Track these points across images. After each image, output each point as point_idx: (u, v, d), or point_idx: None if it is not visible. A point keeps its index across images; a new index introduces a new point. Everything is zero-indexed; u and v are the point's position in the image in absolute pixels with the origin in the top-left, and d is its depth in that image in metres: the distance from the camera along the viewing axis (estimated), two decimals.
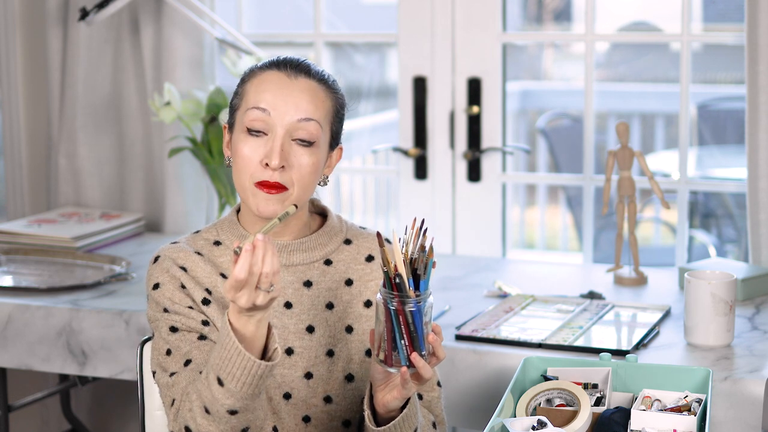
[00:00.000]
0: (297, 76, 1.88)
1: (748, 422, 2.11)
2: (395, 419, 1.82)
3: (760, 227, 2.74)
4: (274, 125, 1.85)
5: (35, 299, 2.64)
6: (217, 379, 1.73)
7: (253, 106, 1.86)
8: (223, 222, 1.97)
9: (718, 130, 5.44)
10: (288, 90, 1.87)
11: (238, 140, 1.88)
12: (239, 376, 1.71)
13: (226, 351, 1.71)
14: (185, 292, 1.89)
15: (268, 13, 5.76)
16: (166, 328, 1.88)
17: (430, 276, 1.72)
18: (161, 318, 1.89)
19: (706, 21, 7.05)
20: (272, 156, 1.84)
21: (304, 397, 1.91)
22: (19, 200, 3.49)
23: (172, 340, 1.87)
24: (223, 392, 1.73)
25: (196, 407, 1.77)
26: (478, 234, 3.15)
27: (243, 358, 1.70)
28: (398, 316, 1.71)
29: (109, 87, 3.29)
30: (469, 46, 3.09)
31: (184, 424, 1.79)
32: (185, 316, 1.88)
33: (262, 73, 1.89)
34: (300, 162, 1.86)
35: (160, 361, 1.87)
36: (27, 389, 3.32)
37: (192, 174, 3.26)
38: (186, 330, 1.88)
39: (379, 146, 3.45)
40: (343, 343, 1.94)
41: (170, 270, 1.90)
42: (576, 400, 1.85)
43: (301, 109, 1.86)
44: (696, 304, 2.28)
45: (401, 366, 1.73)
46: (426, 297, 1.72)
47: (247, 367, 1.70)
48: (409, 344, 1.72)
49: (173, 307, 1.89)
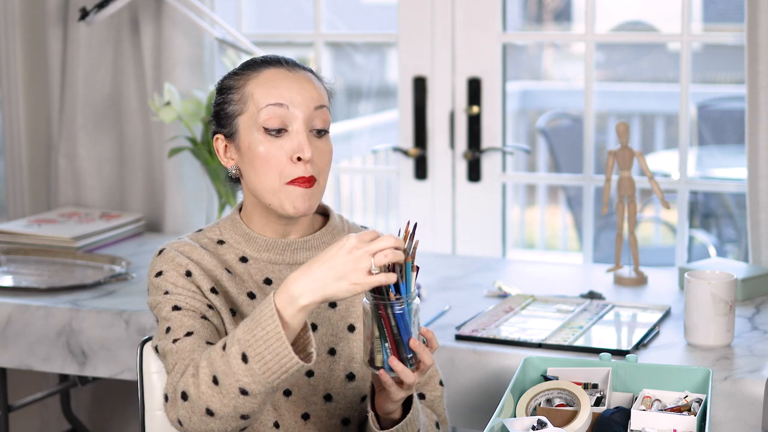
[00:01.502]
0: (296, 69, 1.88)
1: (748, 422, 2.11)
2: (398, 424, 1.82)
3: (760, 227, 2.74)
4: (293, 119, 1.84)
5: (35, 299, 2.64)
6: (242, 355, 1.65)
7: (267, 103, 1.84)
8: (226, 221, 1.97)
9: (718, 130, 5.44)
10: (297, 82, 1.86)
11: (255, 143, 1.84)
12: (269, 361, 1.64)
13: (263, 331, 1.64)
14: (190, 279, 1.85)
15: (268, 13, 5.77)
16: (169, 308, 1.82)
17: (410, 280, 1.70)
18: (163, 300, 1.84)
19: (706, 21, 7.05)
20: (304, 149, 1.82)
21: (305, 395, 1.91)
22: (19, 200, 3.49)
23: (174, 316, 1.82)
24: (245, 369, 1.65)
25: (203, 374, 1.69)
26: (478, 234, 3.15)
27: (282, 346, 1.63)
28: (380, 320, 1.70)
29: (109, 87, 3.29)
30: (469, 46, 3.09)
31: (183, 389, 1.71)
32: (190, 297, 1.83)
33: (261, 72, 1.87)
34: (322, 150, 1.86)
35: (162, 339, 1.81)
36: (27, 389, 3.32)
37: (192, 174, 3.26)
38: (190, 309, 1.82)
39: (379, 146, 3.46)
40: (345, 342, 1.94)
41: (176, 259, 1.87)
42: (576, 400, 1.86)
43: (314, 98, 1.86)
44: (696, 304, 2.28)
45: (381, 368, 1.72)
46: (409, 300, 1.70)
47: (282, 357, 1.64)
48: (392, 347, 1.71)
49: (176, 290, 1.84)
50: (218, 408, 1.68)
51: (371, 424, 1.82)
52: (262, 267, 1.93)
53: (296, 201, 1.84)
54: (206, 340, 1.79)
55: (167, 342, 1.79)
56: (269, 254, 1.93)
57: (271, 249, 1.93)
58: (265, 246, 1.92)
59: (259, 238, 1.93)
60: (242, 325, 1.68)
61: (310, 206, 1.86)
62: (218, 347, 1.69)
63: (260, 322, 1.66)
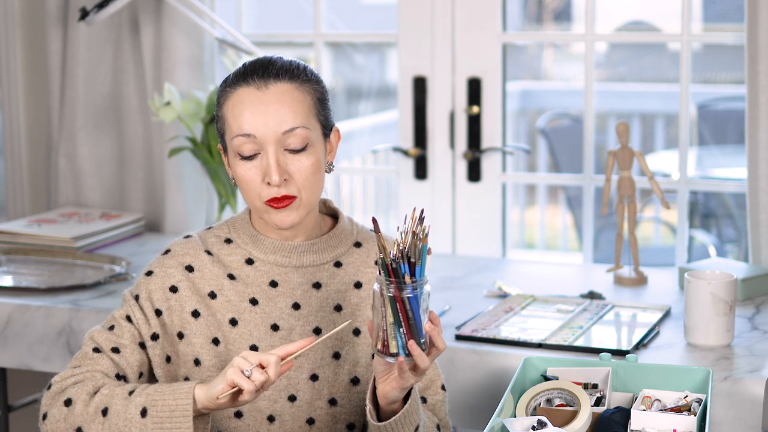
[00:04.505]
0: (267, 85, 1.84)
1: (748, 422, 2.11)
2: (396, 414, 1.81)
3: (760, 227, 2.74)
4: (263, 143, 1.84)
5: (35, 299, 2.64)
6: (143, 409, 1.76)
7: (236, 134, 1.85)
8: (236, 220, 1.98)
9: (718, 130, 5.44)
10: (263, 105, 1.84)
11: (235, 165, 1.87)
12: (165, 428, 1.75)
13: (174, 401, 1.75)
14: (170, 296, 1.92)
15: (268, 13, 5.76)
16: (124, 313, 1.92)
17: (425, 262, 1.71)
18: (129, 301, 1.93)
19: (706, 21, 7.05)
20: (270, 174, 1.83)
21: (309, 399, 1.91)
22: (19, 200, 3.49)
23: (121, 324, 1.91)
24: (139, 422, 1.76)
25: (98, 400, 1.80)
26: (478, 234, 3.15)
27: (185, 421, 1.75)
28: (395, 304, 1.70)
29: (109, 87, 3.29)
30: (469, 46, 3.09)
31: (71, 396, 1.82)
32: (144, 318, 1.91)
33: (233, 93, 1.86)
34: (299, 167, 1.85)
35: (95, 334, 1.91)
36: (27, 389, 3.32)
37: (192, 174, 3.26)
38: (135, 327, 1.91)
39: (379, 146, 3.46)
40: (350, 346, 1.94)
41: (171, 269, 1.93)
42: (576, 400, 1.86)
43: (282, 122, 1.83)
44: (696, 304, 2.28)
45: (398, 355, 1.72)
46: (422, 283, 1.71)
47: None
48: (407, 332, 1.72)
49: (144, 303, 1.92)
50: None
51: (369, 417, 1.82)
52: (269, 269, 1.93)
53: (276, 219, 1.87)
54: (121, 370, 1.89)
55: (89, 345, 1.90)
56: (276, 256, 1.93)
57: (278, 251, 1.93)
58: (272, 248, 1.93)
59: (266, 241, 1.93)
60: (158, 384, 1.79)
61: (292, 221, 1.87)
62: (126, 389, 1.80)
63: (175, 392, 1.76)
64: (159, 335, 1.91)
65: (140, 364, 1.91)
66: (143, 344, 1.91)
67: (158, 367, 1.92)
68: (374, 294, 1.72)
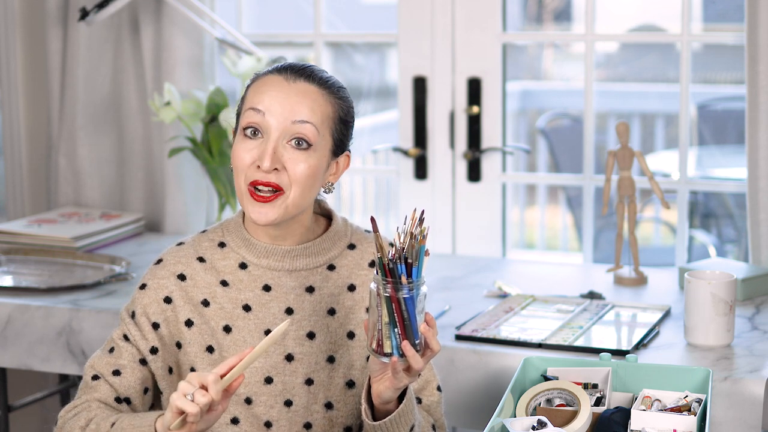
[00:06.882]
0: (296, 80, 1.86)
1: (748, 422, 2.11)
2: (391, 414, 1.81)
3: (760, 227, 2.74)
4: (269, 127, 1.84)
5: (35, 299, 2.64)
6: None
7: (249, 107, 1.86)
8: (229, 223, 1.97)
9: (718, 130, 5.44)
10: (284, 93, 1.85)
11: (236, 142, 1.88)
12: None
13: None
14: (166, 307, 1.92)
15: (268, 13, 5.77)
16: (121, 333, 1.94)
17: (422, 264, 1.71)
18: (125, 319, 1.95)
19: (706, 21, 7.05)
20: (264, 158, 1.82)
21: (305, 404, 1.91)
22: (19, 200, 3.49)
23: (119, 345, 1.93)
24: None
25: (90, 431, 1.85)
26: (478, 234, 3.15)
27: None
28: (391, 304, 1.70)
29: (109, 87, 3.29)
30: (469, 46, 3.09)
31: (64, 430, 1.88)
32: (141, 334, 1.92)
33: (264, 77, 1.89)
34: (295, 165, 1.84)
35: (94, 361, 1.93)
36: (27, 389, 3.32)
37: (192, 174, 3.26)
38: (133, 345, 1.92)
39: (379, 146, 3.45)
40: (345, 349, 1.94)
41: (163, 280, 1.94)
42: (576, 400, 1.86)
43: (296, 112, 1.84)
44: (696, 304, 2.28)
45: (392, 355, 1.72)
46: (419, 285, 1.71)
47: None
48: (402, 332, 1.72)
49: (140, 319, 1.93)
50: None
51: (364, 416, 1.82)
52: (262, 273, 1.93)
53: (254, 213, 1.85)
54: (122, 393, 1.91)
55: (89, 373, 1.93)
56: (269, 260, 1.93)
57: (271, 255, 1.93)
58: (265, 252, 1.93)
59: (259, 245, 1.93)
60: (130, 416, 1.81)
61: (271, 219, 1.85)
62: (110, 421, 1.83)
63: (135, 428, 1.78)
64: (158, 348, 1.92)
65: (143, 381, 1.92)
66: (144, 360, 1.92)
67: (162, 380, 1.93)
68: (371, 293, 1.72)
